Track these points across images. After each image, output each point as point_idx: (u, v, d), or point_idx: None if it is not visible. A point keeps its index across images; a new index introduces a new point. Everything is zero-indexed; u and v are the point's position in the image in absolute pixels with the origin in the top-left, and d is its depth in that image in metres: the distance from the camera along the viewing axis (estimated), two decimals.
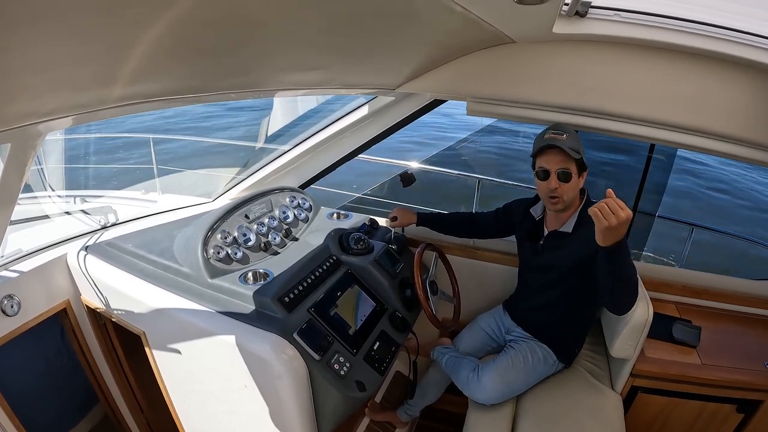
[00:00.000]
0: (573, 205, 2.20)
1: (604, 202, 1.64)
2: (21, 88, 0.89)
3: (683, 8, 1.69)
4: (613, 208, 1.62)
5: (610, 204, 1.63)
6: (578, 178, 2.12)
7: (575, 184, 2.12)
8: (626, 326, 2.14)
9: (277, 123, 3.57)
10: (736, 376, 2.26)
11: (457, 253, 2.95)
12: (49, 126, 1.14)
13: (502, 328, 2.58)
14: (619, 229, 1.65)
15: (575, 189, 2.14)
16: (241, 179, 3.15)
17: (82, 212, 2.65)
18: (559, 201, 2.13)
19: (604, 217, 1.63)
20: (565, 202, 2.13)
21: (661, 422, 2.43)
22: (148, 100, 1.31)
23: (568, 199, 2.13)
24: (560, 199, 2.12)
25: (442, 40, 1.84)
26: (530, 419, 2.21)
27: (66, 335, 2.33)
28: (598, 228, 1.68)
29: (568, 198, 2.13)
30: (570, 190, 2.11)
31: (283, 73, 1.67)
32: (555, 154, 2.08)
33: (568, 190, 2.11)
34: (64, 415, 2.47)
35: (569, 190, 2.11)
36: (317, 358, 1.83)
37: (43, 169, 2.82)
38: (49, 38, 0.77)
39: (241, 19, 1.03)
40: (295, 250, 2.39)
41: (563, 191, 2.10)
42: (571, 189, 2.11)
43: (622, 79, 2.02)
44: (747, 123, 1.94)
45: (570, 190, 2.11)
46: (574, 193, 2.15)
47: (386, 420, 2.89)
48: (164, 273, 2.12)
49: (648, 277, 2.63)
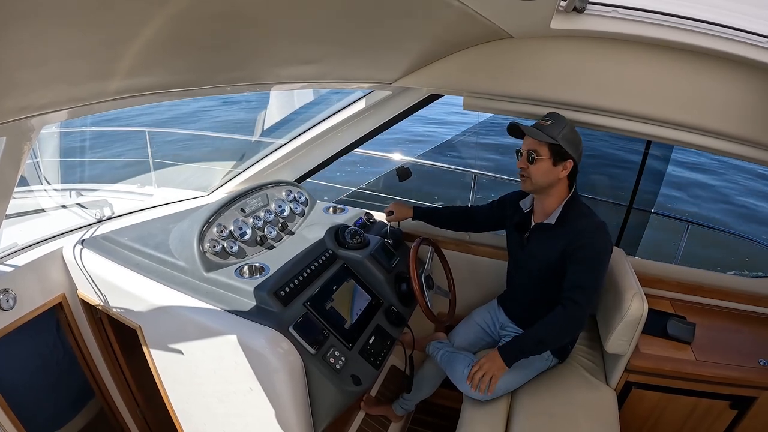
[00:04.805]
0: (555, 194, 2.19)
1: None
2: (15, 82, 0.89)
3: (681, 5, 1.68)
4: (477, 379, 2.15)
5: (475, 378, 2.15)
6: (552, 165, 2.11)
7: (545, 169, 2.11)
8: (621, 322, 2.14)
9: (273, 116, 3.56)
10: (730, 372, 2.28)
11: (453, 248, 2.95)
12: (44, 119, 1.14)
13: (496, 322, 2.59)
14: (491, 369, 2.14)
15: (546, 174, 2.13)
16: (237, 173, 3.14)
17: (77, 206, 2.64)
18: (526, 180, 2.16)
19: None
20: (534, 184, 2.15)
21: (655, 418, 2.45)
22: (143, 93, 1.30)
23: (537, 182, 2.14)
24: (528, 179, 2.15)
25: (439, 35, 1.84)
26: (525, 414, 2.22)
27: (62, 329, 2.32)
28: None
29: (536, 180, 2.14)
30: (538, 174, 2.12)
31: (279, 67, 1.67)
32: (528, 137, 2.13)
33: (536, 172, 2.12)
34: (59, 410, 2.47)
35: (537, 173, 2.12)
36: (313, 352, 1.83)
37: (38, 162, 2.81)
38: (44, 32, 0.76)
39: (237, 13, 1.02)
40: (291, 244, 2.39)
41: (531, 172, 2.13)
42: (539, 172, 2.12)
43: (619, 76, 2.02)
44: (743, 121, 1.94)
45: (538, 174, 2.12)
46: (546, 179, 2.14)
47: (381, 414, 2.90)
48: (160, 267, 2.12)
49: (643, 273, 2.63)
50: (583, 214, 2.16)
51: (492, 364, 2.14)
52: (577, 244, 2.08)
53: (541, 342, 2.14)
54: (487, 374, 2.14)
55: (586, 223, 2.12)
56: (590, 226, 2.11)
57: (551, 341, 2.16)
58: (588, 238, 2.08)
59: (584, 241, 2.07)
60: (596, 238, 2.09)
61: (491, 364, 2.14)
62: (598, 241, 2.09)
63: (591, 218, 2.14)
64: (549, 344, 2.21)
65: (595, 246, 2.08)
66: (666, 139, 2.17)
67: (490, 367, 2.14)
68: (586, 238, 2.08)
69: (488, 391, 2.16)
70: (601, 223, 2.12)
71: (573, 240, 2.09)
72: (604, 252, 2.11)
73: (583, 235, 2.08)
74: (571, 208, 2.17)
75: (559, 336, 2.15)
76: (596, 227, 2.11)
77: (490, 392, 2.18)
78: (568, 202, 2.18)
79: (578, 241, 2.08)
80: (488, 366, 2.14)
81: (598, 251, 2.09)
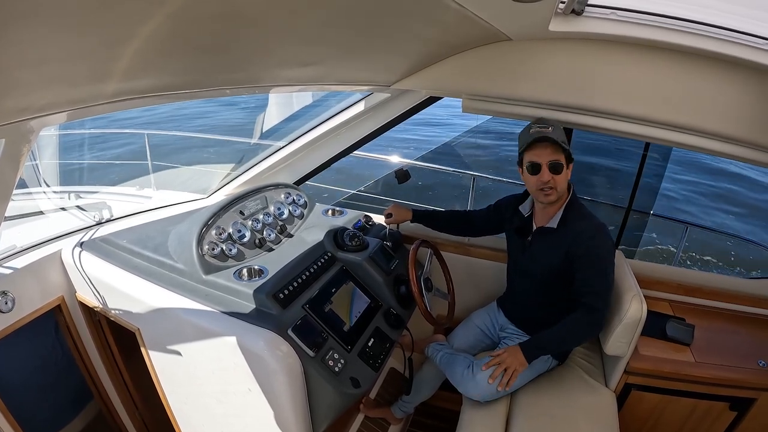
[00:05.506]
0: (560, 198, 2.20)
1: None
2: (15, 83, 0.89)
3: (680, 7, 1.69)
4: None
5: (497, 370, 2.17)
6: (567, 170, 2.13)
7: (565, 175, 2.13)
8: (620, 324, 2.14)
9: (272, 119, 3.56)
10: (729, 374, 2.28)
11: (452, 250, 2.95)
12: (43, 121, 1.14)
13: (496, 325, 2.59)
14: (513, 364, 2.15)
15: (566, 180, 2.15)
16: (235, 175, 3.14)
17: (76, 208, 2.64)
18: (553, 192, 2.13)
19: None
20: (559, 193, 2.14)
21: (654, 419, 2.45)
22: (142, 95, 1.30)
23: (561, 190, 2.14)
24: (554, 190, 2.13)
25: (438, 37, 1.84)
26: (524, 416, 2.22)
27: (60, 332, 2.32)
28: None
29: (561, 189, 2.14)
30: (562, 181, 2.13)
31: (278, 69, 1.67)
32: (544, 147, 2.09)
33: (561, 181, 2.12)
34: (58, 412, 2.46)
35: (562, 181, 2.12)
36: (312, 355, 1.83)
37: (37, 164, 2.81)
38: (43, 34, 0.76)
39: (236, 15, 1.02)
40: (290, 247, 2.39)
41: (556, 182, 2.11)
42: (563, 180, 2.12)
43: (617, 78, 2.03)
44: (741, 122, 1.95)
45: (562, 181, 2.13)
46: (565, 187, 2.16)
47: (381, 416, 2.90)
48: (159, 269, 2.12)
49: (642, 275, 2.64)
50: (583, 215, 2.17)
51: (514, 359, 2.15)
52: (581, 247, 2.09)
53: (561, 343, 2.20)
54: (509, 368, 2.15)
55: (587, 224, 2.13)
56: (591, 227, 2.12)
57: (571, 343, 2.25)
58: (590, 240, 2.09)
59: (587, 244, 2.09)
60: (598, 239, 2.10)
61: (513, 359, 2.15)
62: (600, 243, 2.10)
63: (591, 220, 2.15)
64: (568, 346, 2.31)
65: (599, 247, 2.10)
66: (664, 141, 2.17)
67: (512, 362, 2.15)
68: (588, 240, 2.09)
69: (507, 386, 2.17)
70: (601, 225, 2.13)
71: (575, 242, 2.11)
72: (608, 252, 2.12)
73: (585, 238, 2.09)
74: (571, 210, 2.18)
75: (579, 338, 2.22)
76: (597, 229, 2.12)
77: (508, 387, 2.18)
78: (568, 204, 2.19)
79: (581, 243, 2.09)
80: (510, 360, 2.16)
81: (603, 252, 2.10)
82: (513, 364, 2.15)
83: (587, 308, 2.07)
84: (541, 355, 2.20)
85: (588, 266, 2.09)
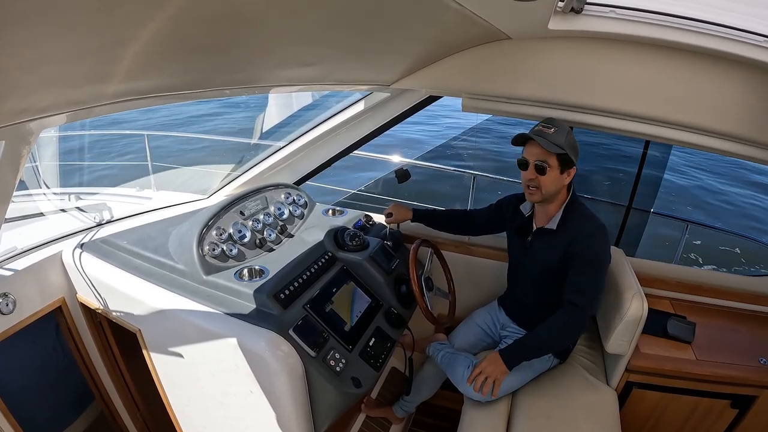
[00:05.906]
0: (557, 200, 2.20)
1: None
2: (14, 85, 0.89)
3: (679, 5, 1.69)
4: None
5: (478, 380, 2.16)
6: (560, 174, 2.10)
7: (554, 178, 2.10)
8: (621, 322, 2.14)
9: (272, 119, 3.56)
10: (730, 371, 2.28)
11: (453, 249, 2.95)
12: (43, 123, 1.14)
13: (497, 323, 2.59)
14: (494, 373, 2.14)
15: (555, 183, 2.11)
16: (236, 176, 3.14)
17: (77, 209, 2.64)
18: (536, 192, 2.13)
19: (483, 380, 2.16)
20: (543, 195, 2.13)
21: (655, 418, 2.45)
22: (142, 96, 1.30)
23: (547, 192, 2.12)
24: (537, 190, 2.12)
25: (437, 37, 1.84)
26: (525, 415, 2.22)
27: (61, 333, 2.32)
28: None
29: (547, 191, 2.12)
30: (548, 183, 2.10)
31: (277, 70, 1.67)
32: (534, 146, 2.08)
33: (546, 182, 2.10)
34: (59, 413, 2.47)
35: (547, 183, 2.10)
36: (313, 355, 1.83)
37: (37, 166, 2.81)
38: (42, 35, 0.76)
39: (236, 16, 1.02)
40: (291, 247, 2.38)
41: (541, 183, 2.10)
42: (549, 182, 2.10)
43: (617, 76, 2.03)
44: (741, 119, 1.95)
45: (548, 183, 2.10)
46: (554, 187, 2.13)
47: (382, 416, 2.90)
48: (159, 270, 2.12)
49: (643, 273, 2.64)
50: (583, 215, 2.16)
51: (494, 368, 2.14)
52: (577, 247, 2.09)
53: (542, 346, 2.16)
54: (490, 378, 2.14)
55: (586, 225, 2.12)
56: (590, 228, 2.11)
57: (553, 344, 2.18)
58: (588, 240, 2.08)
59: (584, 244, 2.08)
60: (595, 240, 2.09)
61: (493, 367, 2.14)
62: (597, 244, 2.09)
63: (591, 220, 2.14)
64: (550, 347, 2.23)
65: (595, 248, 2.09)
66: (664, 139, 2.17)
67: (493, 371, 2.14)
68: (586, 240, 2.08)
69: (492, 394, 2.16)
70: (601, 226, 2.13)
71: (573, 242, 2.10)
72: (603, 254, 2.11)
73: (583, 238, 2.09)
74: (570, 211, 2.17)
75: (560, 339, 2.17)
76: (596, 230, 2.11)
77: (494, 396, 2.18)
78: (568, 205, 2.19)
79: (578, 243, 2.09)
80: (490, 369, 2.15)
81: (597, 254, 2.09)
82: (494, 372, 2.14)
83: (569, 308, 2.07)
84: (523, 360, 2.17)
85: (580, 265, 2.09)
